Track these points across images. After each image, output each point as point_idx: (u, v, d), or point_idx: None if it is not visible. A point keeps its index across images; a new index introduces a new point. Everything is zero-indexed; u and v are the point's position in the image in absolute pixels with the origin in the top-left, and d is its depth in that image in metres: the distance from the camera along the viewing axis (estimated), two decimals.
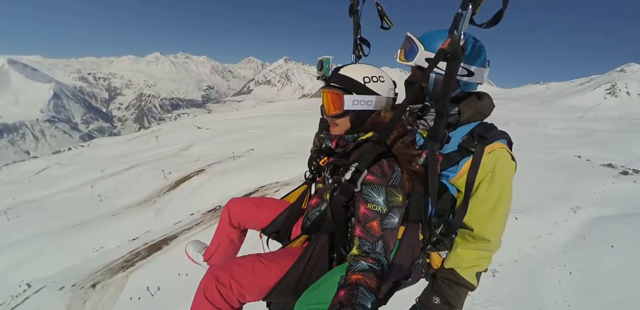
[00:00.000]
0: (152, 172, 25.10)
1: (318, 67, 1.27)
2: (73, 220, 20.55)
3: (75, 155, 47.44)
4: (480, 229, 1.19)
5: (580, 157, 12.05)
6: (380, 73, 1.23)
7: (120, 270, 12.84)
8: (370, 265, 0.95)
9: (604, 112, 41.78)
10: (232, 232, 1.67)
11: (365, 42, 1.57)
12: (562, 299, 4.73)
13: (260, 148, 26.04)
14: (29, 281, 14.50)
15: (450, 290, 1.26)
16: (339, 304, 0.84)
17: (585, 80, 78.50)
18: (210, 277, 1.11)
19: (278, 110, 64.07)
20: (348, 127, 1.24)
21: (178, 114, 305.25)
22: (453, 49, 0.92)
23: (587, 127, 24.20)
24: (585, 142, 16.17)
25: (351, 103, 1.17)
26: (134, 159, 33.41)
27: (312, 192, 1.61)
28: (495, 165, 1.13)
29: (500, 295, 4.90)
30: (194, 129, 46.65)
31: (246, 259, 1.22)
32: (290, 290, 1.15)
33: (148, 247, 13.87)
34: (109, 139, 65.28)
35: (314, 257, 1.16)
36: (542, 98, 68.15)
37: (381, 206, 1.04)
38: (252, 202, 1.65)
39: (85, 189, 26.59)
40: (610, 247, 5.70)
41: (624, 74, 69.83)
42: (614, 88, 62.62)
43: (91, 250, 16.35)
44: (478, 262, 1.24)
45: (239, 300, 1.13)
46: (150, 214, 18.32)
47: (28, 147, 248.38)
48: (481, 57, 1.18)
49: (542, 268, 5.59)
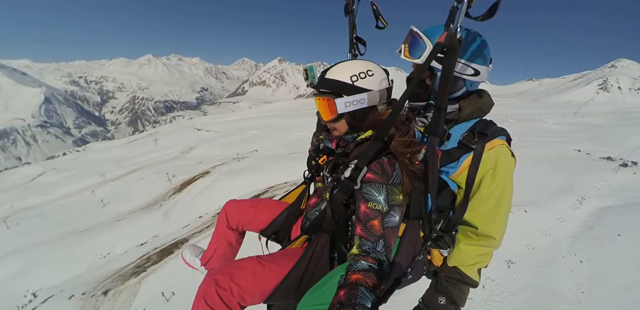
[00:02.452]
0: (155, 175, 24.91)
1: (304, 76, 1.22)
2: (76, 226, 20.25)
3: (71, 160, 46.82)
4: (484, 226, 1.18)
5: (580, 151, 12.40)
6: (368, 66, 1.18)
7: (131, 276, 12.62)
8: (371, 265, 0.94)
9: (597, 107, 42.65)
10: (230, 235, 1.63)
11: (361, 41, 1.55)
12: (575, 287, 4.91)
13: (263, 149, 26.03)
14: (34, 291, 14.22)
15: (455, 289, 1.25)
16: (339, 303, 0.83)
17: (578, 76, 79.81)
18: (210, 281, 1.08)
19: (276, 110, 64.00)
20: (346, 128, 1.23)
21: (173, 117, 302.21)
22: (450, 41, 0.93)
23: (583, 122, 24.79)
24: (583, 136, 16.62)
25: (343, 106, 1.14)
26: (134, 163, 33.12)
27: (311, 192, 1.57)
28: (496, 162, 1.13)
29: (517, 286, 5.08)
30: (194, 131, 46.40)
31: (246, 261, 1.19)
32: (292, 292, 1.13)
33: (159, 251, 13.70)
34: (105, 143, 64.54)
35: (315, 257, 1.14)
36: (536, 94, 69.08)
37: (382, 205, 1.03)
38: (250, 203, 1.62)
39: (86, 194, 26.29)
40: (617, 236, 5.90)
41: (615, 69, 71.13)
42: (605, 83, 63.80)
43: (98, 257, 16.10)
44: (481, 259, 1.24)
45: (240, 304, 1.10)
46: (157, 218, 18.13)
47: (20, 153, 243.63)
48: (487, 56, 1.16)
49: (553, 258, 5.76)
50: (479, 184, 1.14)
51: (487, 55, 1.16)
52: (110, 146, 54.37)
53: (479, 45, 1.13)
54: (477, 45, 1.12)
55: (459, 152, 1.16)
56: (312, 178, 1.61)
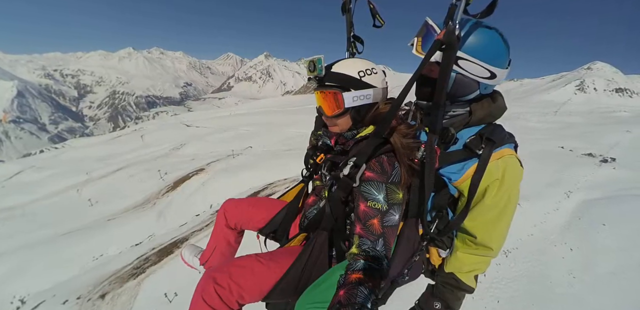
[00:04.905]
0: (145, 173, 24.15)
1: (310, 68, 1.16)
2: (63, 227, 19.38)
3: (51, 157, 44.59)
4: (483, 236, 1.16)
5: (563, 148, 13.17)
6: (372, 65, 1.21)
7: (130, 278, 12.22)
8: (370, 264, 0.94)
9: (575, 106, 44.88)
10: (229, 234, 1.63)
11: (359, 39, 1.54)
12: (567, 273, 5.25)
13: (258, 145, 25.66)
14: (21, 297, 13.41)
15: (451, 295, 1.26)
16: (339, 303, 0.83)
17: (556, 77, 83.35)
18: (208, 279, 1.08)
19: (266, 107, 63.33)
20: (349, 124, 1.22)
21: (156, 112, 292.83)
22: (448, 38, 0.93)
23: (563, 121, 26.11)
24: (565, 134, 17.55)
25: (351, 100, 1.14)
26: (122, 160, 31.98)
27: (309, 190, 1.56)
28: (504, 173, 1.09)
29: (515, 273, 5.42)
30: (182, 127, 45.23)
31: (244, 259, 1.19)
32: (291, 290, 1.13)
33: (157, 251, 13.32)
34: (86, 140, 61.78)
35: (313, 255, 1.14)
36: (517, 94, 71.60)
37: (381, 204, 1.02)
38: (248, 202, 1.62)
39: (71, 193, 25.19)
40: (602, 225, 6.30)
41: (591, 71, 75.08)
42: (582, 84, 67.32)
43: (90, 259, 15.46)
44: (478, 266, 1.24)
45: (239, 302, 1.10)
46: (151, 217, 17.62)
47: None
48: (506, 58, 1.10)
49: (546, 247, 6.11)
50: (483, 193, 1.11)
51: (506, 57, 1.10)
52: (92, 143, 52.13)
53: (499, 45, 1.07)
54: (497, 46, 1.07)
55: (462, 154, 1.12)
56: (310, 176, 1.61)
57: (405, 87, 1.00)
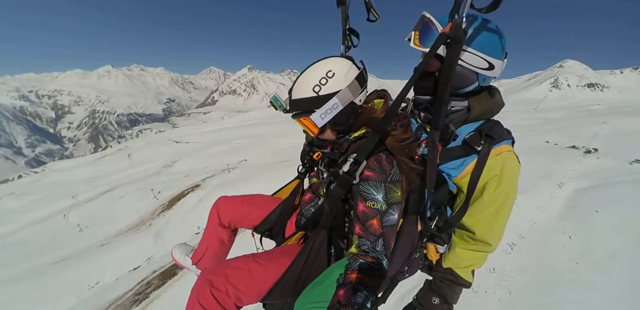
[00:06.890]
0: (137, 193, 23.37)
1: (274, 107, 1.20)
2: (52, 256, 18.24)
3: (31, 182, 42.43)
4: (482, 232, 1.17)
5: (548, 142, 13.84)
6: (326, 67, 1.12)
7: (133, 305, 11.46)
8: (370, 264, 0.94)
9: (551, 103, 47.21)
10: (222, 233, 1.59)
11: (354, 32, 1.51)
12: (570, 259, 5.42)
13: (252, 158, 25.37)
14: None
15: (449, 290, 1.27)
16: (339, 303, 0.83)
17: (532, 76, 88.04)
18: (204, 282, 1.04)
19: (254, 119, 63.14)
20: (336, 134, 1.22)
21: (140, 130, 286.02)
22: (455, 32, 0.90)
23: (544, 117, 27.37)
24: (548, 129, 18.40)
25: (320, 119, 1.11)
26: (109, 181, 30.85)
27: (305, 186, 1.55)
28: (503, 169, 1.10)
29: (523, 264, 5.57)
30: (171, 143, 44.25)
31: (240, 260, 1.16)
32: (290, 290, 1.11)
33: (159, 274, 12.64)
34: (67, 162, 59.25)
35: (312, 254, 1.12)
36: None
37: (380, 203, 1.02)
38: (242, 199, 1.59)
39: (58, 219, 23.95)
40: (595, 212, 6.57)
41: (563, 69, 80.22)
42: (557, 82, 71.66)
43: (85, 288, 14.57)
44: (476, 261, 1.25)
45: (236, 305, 1.08)
46: (148, 238, 16.86)
47: None
48: (503, 49, 1.10)
49: (547, 237, 6.27)
50: (482, 189, 1.12)
51: (503, 48, 1.09)
52: (75, 165, 50.07)
53: (495, 36, 1.06)
54: (493, 36, 1.06)
55: (461, 151, 1.12)
56: (306, 173, 1.58)
57: (405, 87, 0.98)
